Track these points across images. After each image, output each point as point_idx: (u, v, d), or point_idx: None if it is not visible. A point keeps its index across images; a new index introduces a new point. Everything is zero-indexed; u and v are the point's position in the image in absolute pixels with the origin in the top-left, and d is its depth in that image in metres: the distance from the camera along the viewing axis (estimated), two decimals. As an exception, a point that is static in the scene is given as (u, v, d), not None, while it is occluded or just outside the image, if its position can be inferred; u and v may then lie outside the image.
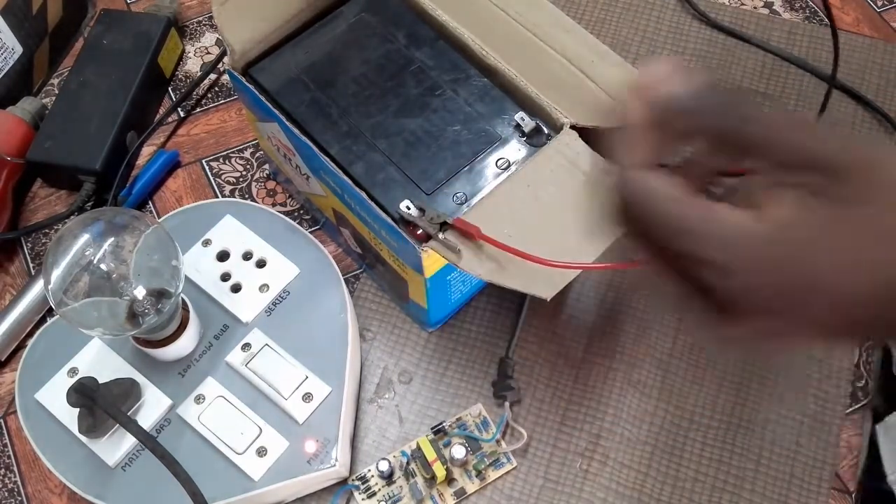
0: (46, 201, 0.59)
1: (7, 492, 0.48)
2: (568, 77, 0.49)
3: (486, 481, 0.47)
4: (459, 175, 0.45)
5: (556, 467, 0.48)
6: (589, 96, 0.50)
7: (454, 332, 0.52)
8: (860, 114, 0.59)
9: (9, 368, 0.52)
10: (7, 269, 0.56)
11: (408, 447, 0.48)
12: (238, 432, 0.45)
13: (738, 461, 0.48)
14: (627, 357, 0.51)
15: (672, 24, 0.64)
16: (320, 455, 0.45)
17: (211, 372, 0.47)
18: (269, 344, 0.47)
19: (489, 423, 0.49)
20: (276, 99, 0.47)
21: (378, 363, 0.51)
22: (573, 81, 0.49)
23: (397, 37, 0.49)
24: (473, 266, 0.40)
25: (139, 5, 0.66)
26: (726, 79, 0.61)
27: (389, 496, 0.46)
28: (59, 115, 0.57)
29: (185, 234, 0.50)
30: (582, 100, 0.50)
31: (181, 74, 0.63)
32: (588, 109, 0.49)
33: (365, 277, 0.54)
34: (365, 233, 0.47)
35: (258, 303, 0.49)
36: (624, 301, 0.53)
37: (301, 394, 0.46)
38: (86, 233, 0.42)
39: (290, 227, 0.51)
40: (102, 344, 0.47)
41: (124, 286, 0.41)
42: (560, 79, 0.48)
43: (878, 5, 0.65)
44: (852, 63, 0.61)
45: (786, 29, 0.63)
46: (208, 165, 0.59)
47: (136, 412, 0.45)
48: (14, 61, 0.59)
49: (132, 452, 0.45)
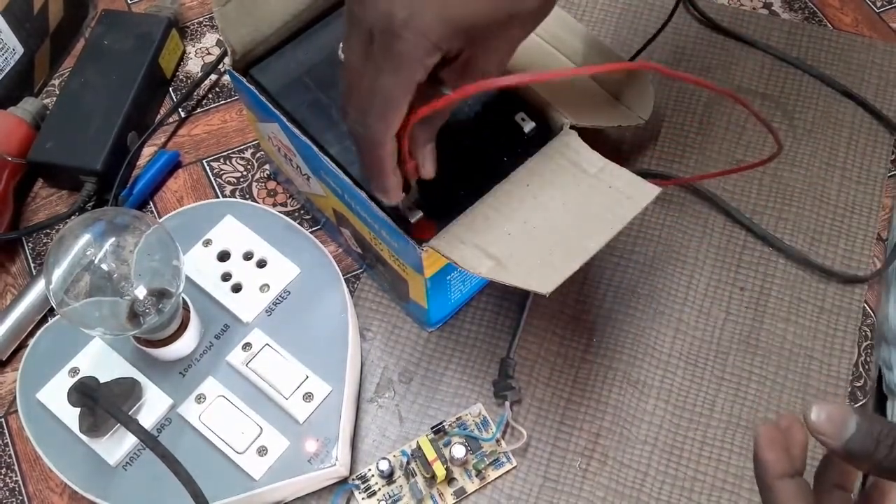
0: (47, 201, 0.59)
1: (8, 491, 0.49)
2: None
3: (485, 481, 0.47)
4: (459, 175, 0.45)
5: (555, 467, 0.48)
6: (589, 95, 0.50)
7: (454, 332, 0.52)
8: (859, 114, 0.60)
9: (10, 368, 0.52)
10: (8, 269, 0.56)
11: (408, 447, 0.48)
12: (239, 432, 0.45)
13: (738, 460, 0.48)
14: (627, 357, 0.51)
15: (672, 24, 0.64)
16: (321, 454, 0.45)
17: (212, 371, 0.47)
18: (269, 344, 0.47)
19: (489, 422, 0.49)
20: (277, 99, 0.47)
21: (378, 363, 0.51)
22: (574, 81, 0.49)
23: (397, 37, 0.49)
24: (473, 264, 0.40)
25: (140, 6, 0.67)
26: (726, 79, 0.61)
27: (389, 495, 0.47)
28: (60, 115, 0.57)
29: (186, 234, 0.51)
30: (582, 99, 0.50)
31: (182, 75, 0.64)
32: (588, 109, 0.50)
33: (365, 277, 0.54)
34: (365, 233, 0.47)
35: (259, 303, 0.49)
36: (624, 301, 0.53)
37: (301, 393, 0.46)
38: (87, 233, 0.42)
39: (290, 227, 0.52)
40: (103, 344, 0.47)
41: (125, 286, 0.41)
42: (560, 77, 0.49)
43: (877, 6, 0.65)
44: (852, 63, 0.62)
45: (785, 29, 0.63)
46: (209, 166, 0.59)
47: (136, 412, 0.45)
48: (15, 62, 0.59)
49: (133, 452, 0.45)
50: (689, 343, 0.51)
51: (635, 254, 0.54)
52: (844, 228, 0.55)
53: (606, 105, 0.51)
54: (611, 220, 0.41)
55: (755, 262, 0.54)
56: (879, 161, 0.58)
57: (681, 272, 0.54)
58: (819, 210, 0.56)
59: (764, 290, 0.53)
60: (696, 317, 0.52)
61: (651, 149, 0.58)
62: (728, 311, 0.53)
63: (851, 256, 0.54)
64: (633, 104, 0.50)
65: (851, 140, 0.59)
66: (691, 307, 0.53)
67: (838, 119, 0.59)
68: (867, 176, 0.57)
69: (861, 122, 0.59)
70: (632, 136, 0.59)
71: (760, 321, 0.52)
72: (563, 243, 0.41)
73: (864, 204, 0.56)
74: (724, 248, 0.55)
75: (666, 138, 0.59)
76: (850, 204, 0.56)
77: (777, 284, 0.53)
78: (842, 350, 0.51)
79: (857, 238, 0.55)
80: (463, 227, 0.42)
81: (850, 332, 0.52)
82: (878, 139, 0.59)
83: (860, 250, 0.55)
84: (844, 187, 0.57)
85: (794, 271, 0.54)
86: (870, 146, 0.58)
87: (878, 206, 0.56)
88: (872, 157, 0.58)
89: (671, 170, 0.57)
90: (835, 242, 0.55)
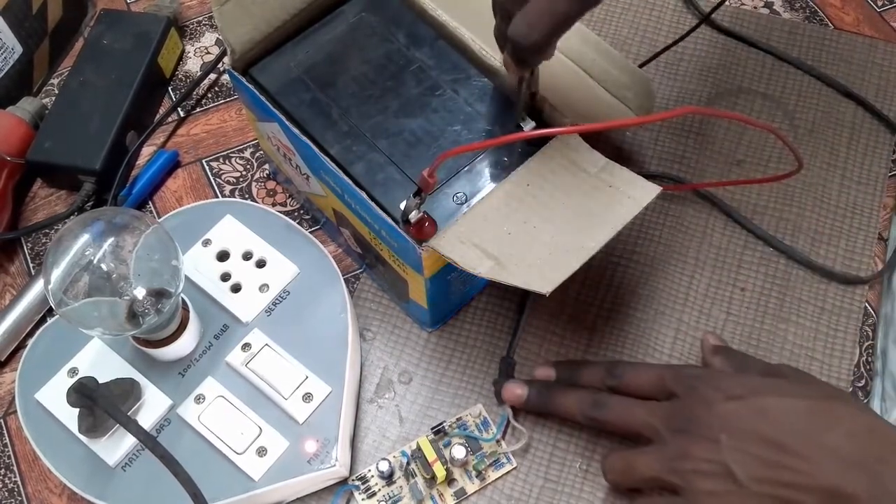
0: (46, 201, 0.59)
1: (7, 492, 0.48)
2: (568, 75, 0.49)
3: (486, 481, 0.47)
4: (459, 175, 0.45)
5: (556, 467, 0.48)
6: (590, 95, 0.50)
7: (454, 332, 0.52)
8: (860, 114, 0.59)
9: (9, 368, 0.52)
10: (7, 269, 0.56)
11: (408, 447, 0.48)
12: (238, 432, 0.45)
13: (739, 461, 0.48)
14: (627, 357, 0.51)
15: (672, 24, 0.64)
16: (320, 455, 0.45)
17: (211, 372, 0.47)
18: (269, 344, 0.47)
19: (489, 423, 0.49)
20: (276, 99, 0.47)
21: (378, 363, 0.51)
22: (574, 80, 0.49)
23: (397, 37, 0.49)
24: (473, 264, 0.40)
25: (139, 5, 0.66)
26: (727, 79, 0.61)
27: (389, 496, 0.46)
28: (59, 115, 0.57)
29: (185, 234, 0.50)
30: (582, 98, 0.50)
31: (181, 74, 0.63)
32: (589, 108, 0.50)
33: (365, 277, 0.54)
34: (365, 233, 0.47)
35: (258, 303, 0.49)
36: (624, 301, 0.53)
37: (301, 394, 0.46)
38: (86, 233, 0.42)
39: (290, 227, 0.51)
40: (102, 344, 0.47)
41: (124, 286, 0.41)
42: (561, 78, 0.48)
43: (878, 5, 0.65)
44: (852, 63, 0.61)
45: (786, 29, 0.63)
46: (208, 165, 0.59)
47: (136, 412, 0.45)
48: (14, 61, 0.59)
49: (132, 452, 0.45)
50: (690, 343, 0.51)
51: (635, 254, 0.54)
52: (845, 229, 0.55)
53: (607, 105, 0.51)
54: (611, 219, 0.41)
55: (756, 263, 0.54)
56: (880, 161, 0.58)
57: (681, 272, 0.54)
58: (820, 210, 0.56)
59: (765, 290, 0.53)
60: (697, 317, 0.52)
61: (651, 149, 0.58)
62: (729, 311, 0.52)
63: (852, 257, 0.54)
64: (633, 105, 0.50)
65: (852, 140, 0.59)
66: (692, 307, 0.53)
67: (839, 119, 0.59)
68: (868, 176, 0.57)
69: (862, 121, 0.59)
70: (632, 136, 0.59)
71: (761, 322, 0.52)
72: (563, 243, 0.41)
73: (865, 204, 0.56)
74: (724, 248, 0.55)
75: (666, 138, 0.59)
76: (851, 204, 0.56)
77: (778, 285, 0.53)
78: (843, 350, 0.51)
79: (858, 238, 0.55)
80: (463, 226, 0.42)
81: (851, 332, 0.52)
82: (878, 139, 0.59)
83: (861, 250, 0.54)
84: (845, 187, 0.57)
85: (795, 272, 0.54)
86: (871, 146, 0.58)
87: (879, 207, 0.56)
88: (873, 157, 0.58)
89: (671, 170, 0.57)
90: (835, 243, 0.55)
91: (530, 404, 0.48)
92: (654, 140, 0.58)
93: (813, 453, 0.39)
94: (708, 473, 0.40)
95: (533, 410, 0.48)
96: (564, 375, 0.49)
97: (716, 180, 0.57)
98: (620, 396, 0.46)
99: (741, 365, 0.46)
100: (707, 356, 0.49)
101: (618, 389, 0.46)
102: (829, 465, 0.38)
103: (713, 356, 0.48)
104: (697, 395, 0.42)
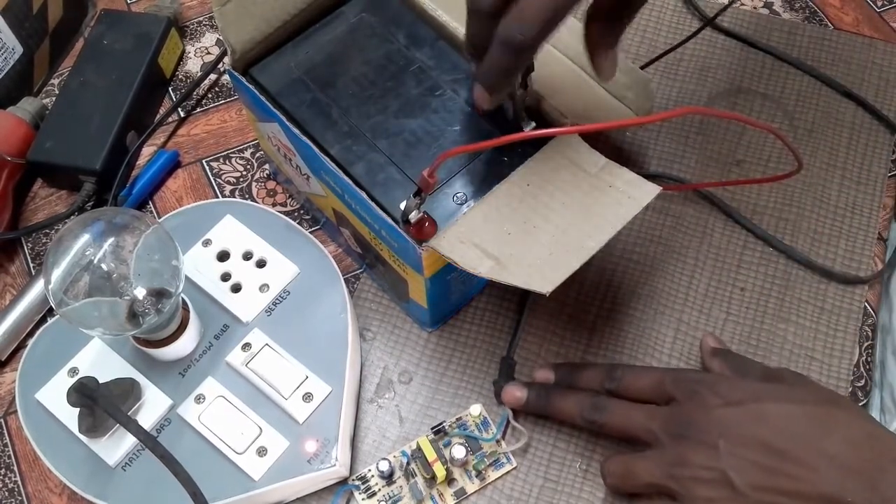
0: (47, 201, 0.59)
1: (7, 491, 0.49)
2: (568, 75, 0.49)
3: (486, 481, 0.47)
4: (459, 175, 0.45)
5: (556, 467, 0.48)
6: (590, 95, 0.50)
7: (454, 332, 0.52)
8: (860, 114, 0.60)
9: (9, 368, 0.52)
10: (7, 269, 0.56)
11: (408, 447, 0.48)
12: (238, 432, 0.45)
13: (738, 461, 0.48)
14: (627, 357, 0.51)
15: (672, 24, 0.64)
16: (320, 455, 0.45)
17: (211, 372, 0.47)
18: (269, 344, 0.47)
19: (489, 423, 0.49)
20: (277, 99, 0.47)
21: (378, 363, 0.51)
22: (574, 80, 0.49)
23: (398, 37, 0.49)
24: (473, 264, 0.40)
25: (139, 5, 0.66)
26: (727, 79, 0.61)
27: (389, 496, 0.47)
28: (60, 115, 0.57)
29: (186, 234, 0.50)
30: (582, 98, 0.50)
31: (181, 74, 0.63)
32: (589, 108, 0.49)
33: (365, 277, 0.54)
34: (365, 233, 0.47)
35: (258, 303, 0.49)
36: (624, 301, 0.53)
37: (301, 394, 0.46)
38: (86, 233, 0.42)
39: (290, 227, 0.52)
40: (103, 344, 0.47)
41: (124, 286, 0.41)
42: (561, 77, 0.48)
43: (878, 5, 0.65)
44: (852, 64, 0.61)
45: (786, 29, 0.63)
46: (208, 165, 0.59)
47: (136, 412, 0.45)
48: (14, 61, 0.59)
49: (132, 452, 0.45)
50: (690, 344, 0.51)
51: (635, 254, 0.54)
52: (845, 229, 0.55)
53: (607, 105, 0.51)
54: (611, 219, 0.41)
55: (756, 263, 0.54)
56: (880, 161, 0.58)
57: (681, 272, 0.54)
58: (819, 210, 0.56)
59: (764, 290, 0.53)
60: (697, 317, 0.52)
61: (651, 149, 0.58)
62: (728, 311, 0.53)
63: (852, 257, 0.54)
64: (633, 104, 0.50)
65: (852, 140, 0.59)
66: (692, 307, 0.53)
67: (839, 119, 0.59)
68: (868, 176, 0.57)
69: (861, 122, 0.59)
70: (632, 136, 0.59)
71: (761, 321, 0.52)
72: (563, 243, 0.41)
73: (865, 204, 0.56)
74: (724, 248, 0.55)
75: (666, 138, 0.59)
76: (851, 204, 0.56)
77: (777, 285, 0.53)
78: (842, 350, 0.51)
79: (858, 238, 0.55)
80: (463, 226, 0.42)
81: (851, 332, 0.52)
82: (878, 139, 0.59)
83: (861, 250, 0.54)
84: (845, 187, 0.57)
85: (795, 271, 0.54)
86: (870, 146, 0.58)
87: (879, 207, 0.56)
88: (873, 157, 0.58)
89: (671, 170, 0.57)
90: (835, 243, 0.55)
91: (530, 407, 0.48)
92: (654, 140, 0.59)
93: (811, 460, 0.39)
94: (706, 480, 0.40)
95: (532, 413, 0.48)
96: (564, 378, 0.49)
97: (716, 180, 0.57)
98: (619, 400, 0.46)
99: (740, 368, 0.46)
100: (706, 358, 0.49)
101: (617, 393, 0.46)
102: (827, 472, 0.38)
103: (712, 359, 0.48)
104: (696, 399, 0.42)
